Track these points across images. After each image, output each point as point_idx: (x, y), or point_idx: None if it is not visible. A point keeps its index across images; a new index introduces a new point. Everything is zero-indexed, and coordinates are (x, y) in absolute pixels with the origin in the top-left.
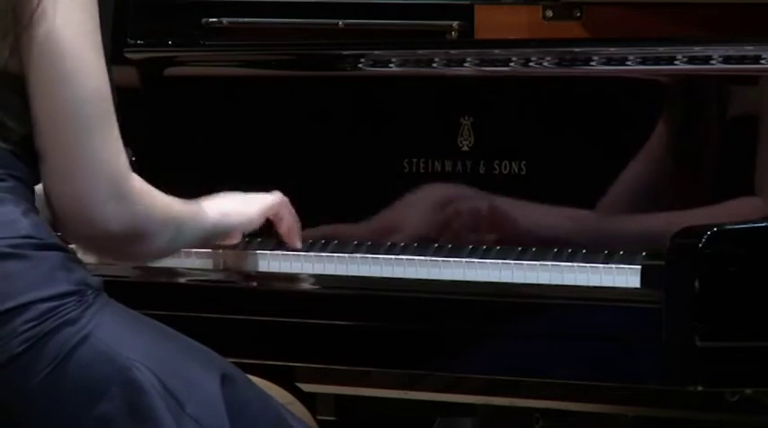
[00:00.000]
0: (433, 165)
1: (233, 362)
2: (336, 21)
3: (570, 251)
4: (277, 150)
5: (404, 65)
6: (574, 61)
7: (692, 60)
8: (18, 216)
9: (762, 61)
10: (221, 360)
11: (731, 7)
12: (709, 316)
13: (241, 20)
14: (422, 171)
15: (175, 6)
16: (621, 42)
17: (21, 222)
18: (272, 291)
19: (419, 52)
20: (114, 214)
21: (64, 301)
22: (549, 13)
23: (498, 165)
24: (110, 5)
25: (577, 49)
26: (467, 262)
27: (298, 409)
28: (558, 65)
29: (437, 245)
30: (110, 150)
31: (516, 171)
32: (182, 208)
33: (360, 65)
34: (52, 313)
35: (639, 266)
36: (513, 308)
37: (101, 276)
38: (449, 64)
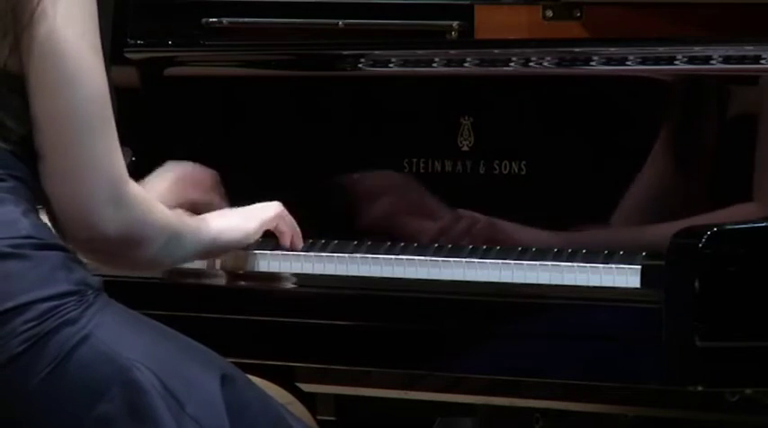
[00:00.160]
0: (433, 165)
1: (233, 362)
2: (336, 21)
3: (570, 251)
4: (277, 150)
5: (404, 65)
6: (574, 61)
7: (692, 60)
8: (18, 216)
9: (762, 61)
10: (221, 360)
11: (731, 7)
12: (710, 316)
13: (241, 20)
14: (422, 171)
15: (175, 6)
16: (621, 42)
17: (21, 222)
18: (272, 291)
19: (419, 52)
20: (112, 217)
21: (64, 301)
22: (549, 13)
23: (498, 165)
24: (110, 5)
25: (577, 49)
26: (467, 262)
27: (298, 409)
28: (558, 65)
29: (437, 245)
30: (109, 154)
31: (516, 171)
32: (180, 219)
33: (360, 65)
34: (52, 313)
35: (639, 266)
36: (513, 308)
37: (101, 276)
38: (449, 64)
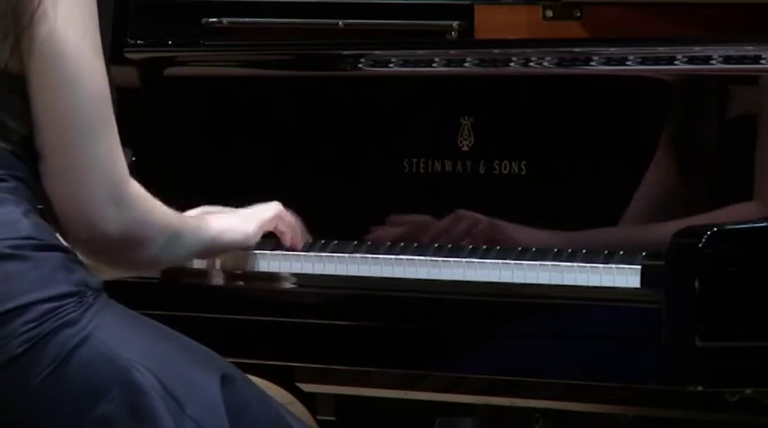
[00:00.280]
0: (433, 165)
1: (233, 362)
2: (336, 21)
3: (570, 251)
4: (277, 150)
5: (404, 65)
6: (574, 61)
7: (692, 60)
8: (19, 216)
9: (762, 61)
10: (221, 360)
11: (731, 7)
12: (709, 316)
13: (241, 20)
14: (422, 171)
15: (175, 6)
16: (621, 42)
17: (21, 223)
18: (272, 291)
19: (419, 52)
20: (113, 217)
21: (64, 302)
22: (549, 13)
23: (498, 165)
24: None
25: (577, 49)
26: (467, 262)
27: (298, 409)
28: (558, 65)
29: (437, 245)
30: (110, 154)
31: (516, 171)
32: (181, 218)
33: (360, 65)
34: (52, 314)
35: (639, 266)
36: (513, 308)
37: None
38: (449, 64)
